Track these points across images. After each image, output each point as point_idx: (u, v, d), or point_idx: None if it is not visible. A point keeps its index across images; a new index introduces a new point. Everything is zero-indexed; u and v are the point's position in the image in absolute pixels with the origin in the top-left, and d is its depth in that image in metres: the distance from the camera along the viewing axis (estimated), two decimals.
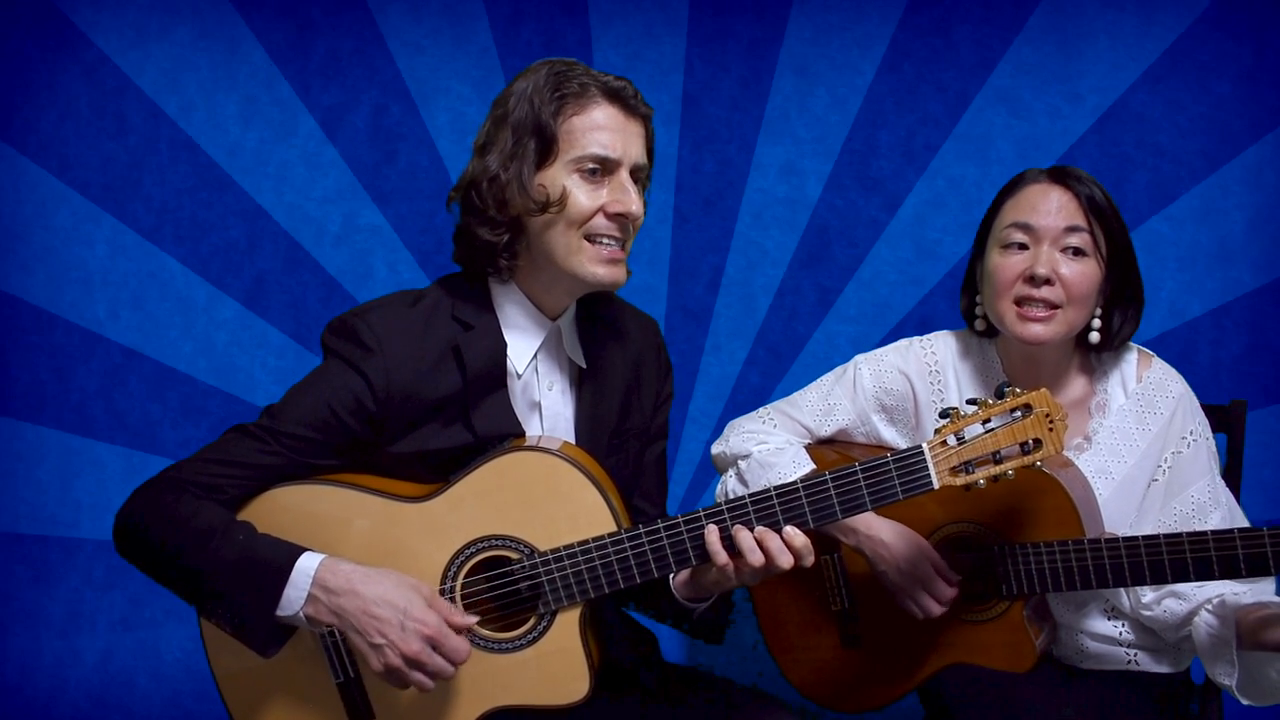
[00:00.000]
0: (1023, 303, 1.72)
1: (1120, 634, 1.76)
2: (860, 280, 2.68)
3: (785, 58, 2.68)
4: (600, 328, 1.71)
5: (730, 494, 1.86)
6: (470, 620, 1.50)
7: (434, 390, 1.55)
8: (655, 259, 2.74)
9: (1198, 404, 1.80)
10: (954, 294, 1.99)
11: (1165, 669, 1.77)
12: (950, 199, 2.64)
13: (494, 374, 1.59)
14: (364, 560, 1.50)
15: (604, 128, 1.53)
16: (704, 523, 1.48)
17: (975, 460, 1.45)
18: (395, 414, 1.55)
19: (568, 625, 1.53)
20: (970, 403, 1.46)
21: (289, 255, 2.80)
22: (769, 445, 1.86)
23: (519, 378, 1.62)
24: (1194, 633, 1.66)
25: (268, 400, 1.59)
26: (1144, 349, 1.83)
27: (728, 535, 1.47)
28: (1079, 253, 1.71)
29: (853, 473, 1.46)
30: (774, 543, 1.46)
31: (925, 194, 2.65)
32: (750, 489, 1.80)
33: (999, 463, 1.45)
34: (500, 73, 2.73)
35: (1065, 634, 1.79)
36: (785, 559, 1.46)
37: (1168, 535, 1.58)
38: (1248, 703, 1.62)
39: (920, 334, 1.93)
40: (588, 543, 1.51)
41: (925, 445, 1.45)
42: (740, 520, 1.47)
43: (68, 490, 2.81)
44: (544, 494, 1.52)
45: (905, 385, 1.87)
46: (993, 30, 2.60)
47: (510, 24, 2.74)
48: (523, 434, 1.61)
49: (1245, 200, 2.54)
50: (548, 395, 1.65)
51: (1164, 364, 1.81)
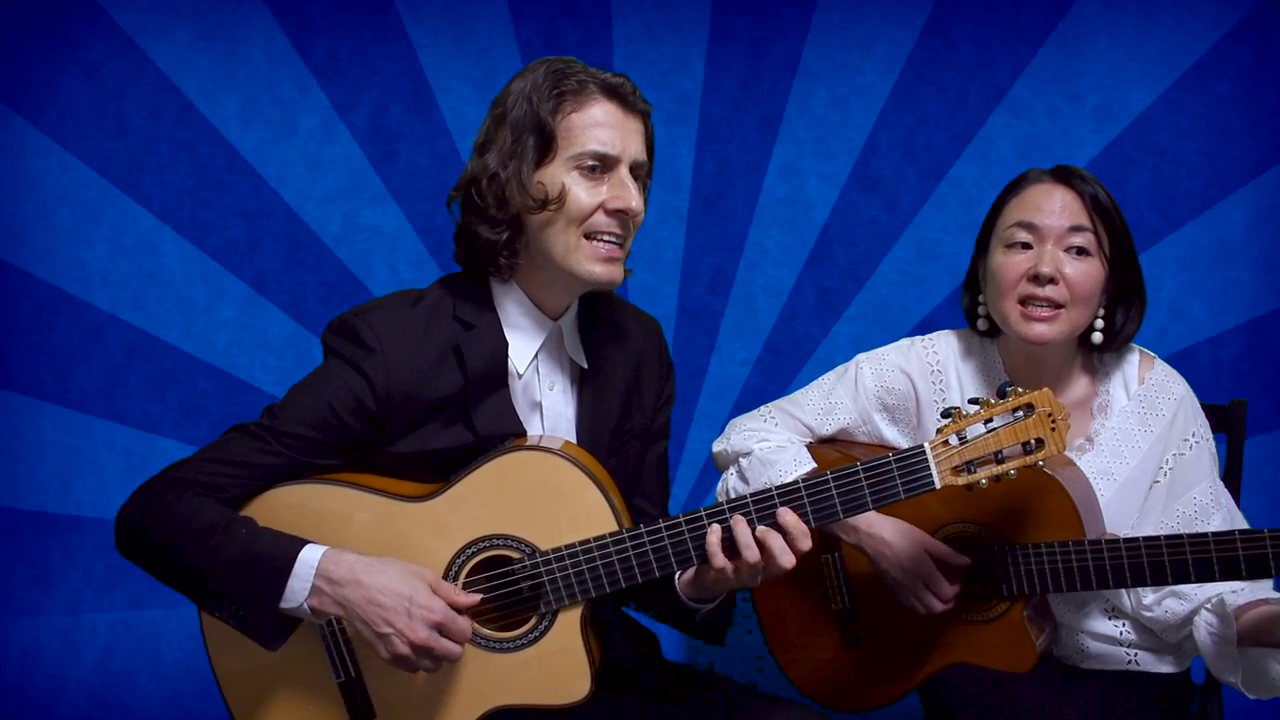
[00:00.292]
0: (1027, 302, 1.71)
1: (1121, 634, 1.76)
2: (860, 280, 2.68)
3: (785, 58, 2.67)
4: (602, 328, 1.71)
5: (731, 491, 1.86)
6: (474, 599, 1.50)
7: (435, 390, 1.55)
8: (656, 259, 2.74)
9: (1199, 406, 1.80)
10: (954, 294, 1.99)
11: (1166, 669, 1.77)
12: (950, 199, 2.64)
13: (495, 374, 1.59)
14: None
15: (603, 124, 1.53)
16: (705, 522, 1.48)
17: (977, 460, 1.45)
18: (396, 414, 1.54)
19: (569, 625, 1.53)
20: (972, 402, 1.46)
21: (289, 255, 2.80)
22: (770, 443, 1.86)
23: (520, 377, 1.62)
24: (1195, 632, 1.66)
25: (268, 400, 1.58)
26: (1145, 350, 1.83)
27: (730, 537, 1.47)
28: (1083, 252, 1.71)
29: (854, 472, 1.46)
30: (776, 542, 1.45)
31: (925, 194, 2.65)
32: (751, 486, 1.80)
33: (1001, 462, 1.45)
34: (500, 73, 2.73)
35: (1066, 634, 1.78)
36: (788, 559, 1.45)
37: (1168, 536, 1.58)
38: (1254, 697, 1.63)
39: (921, 334, 1.92)
40: (589, 542, 1.51)
41: (927, 445, 1.45)
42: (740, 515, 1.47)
43: (68, 490, 2.81)
44: (545, 493, 1.52)
45: (907, 385, 1.87)
46: (993, 30, 2.60)
47: (510, 24, 2.74)
48: (524, 434, 1.61)
49: (1245, 200, 2.54)
50: (549, 395, 1.65)
51: (1166, 365, 1.81)
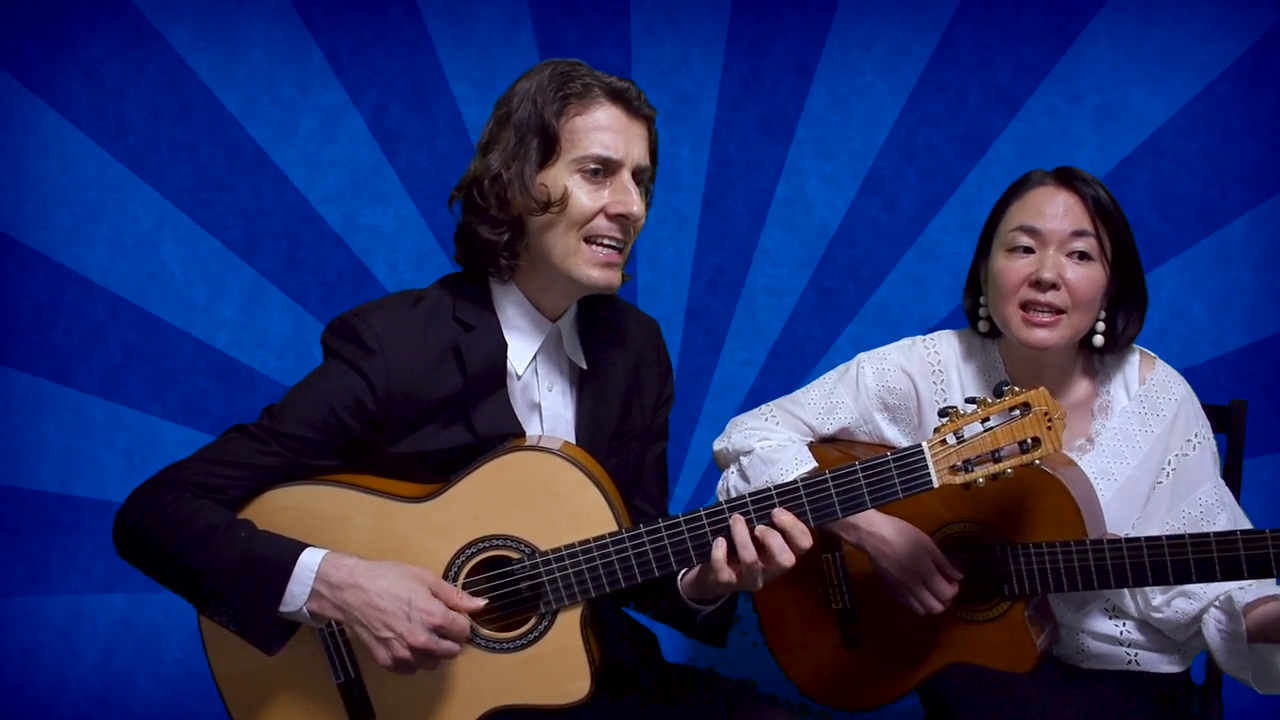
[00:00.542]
0: (1028, 307, 1.71)
1: (1121, 634, 1.76)
2: (860, 280, 2.68)
3: (785, 58, 2.67)
4: (601, 329, 1.71)
5: (732, 490, 1.86)
6: (477, 604, 1.50)
7: (434, 391, 1.55)
8: (657, 260, 2.74)
9: (1199, 406, 1.80)
10: (954, 294, 1.99)
11: (1166, 669, 1.77)
12: (950, 199, 2.64)
13: (494, 374, 1.59)
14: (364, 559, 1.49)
15: (606, 128, 1.53)
16: (704, 522, 1.48)
17: (974, 459, 1.45)
18: (395, 414, 1.54)
19: (568, 625, 1.53)
20: (969, 401, 1.46)
21: (289, 255, 2.80)
22: (771, 442, 1.86)
23: (518, 379, 1.62)
24: (1204, 630, 1.66)
25: (268, 400, 1.58)
26: (1146, 351, 1.83)
27: (734, 548, 1.47)
28: (1085, 257, 1.70)
29: (852, 471, 1.46)
30: (775, 541, 1.45)
31: (925, 194, 2.65)
32: (752, 485, 1.80)
33: (998, 461, 1.45)
34: (501, 73, 2.73)
35: (1066, 633, 1.78)
36: (787, 557, 1.45)
37: (1170, 536, 1.58)
38: (1265, 692, 1.63)
39: (920, 334, 1.92)
40: (588, 542, 1.51)
41: (925, 444, 1.45)
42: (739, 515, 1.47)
43: (68, 490, 2.81)
44: (544, 494, 1.52)
45: (908, 384, 1.86)
46: (993, 30, 2.60)
47: (510, 24, 2.74)
48: (523, 434, 1.61)
49: (1245, 200, 2.53)
50: (547, 396, 1.65)
51: (1166, 366, 1.81)
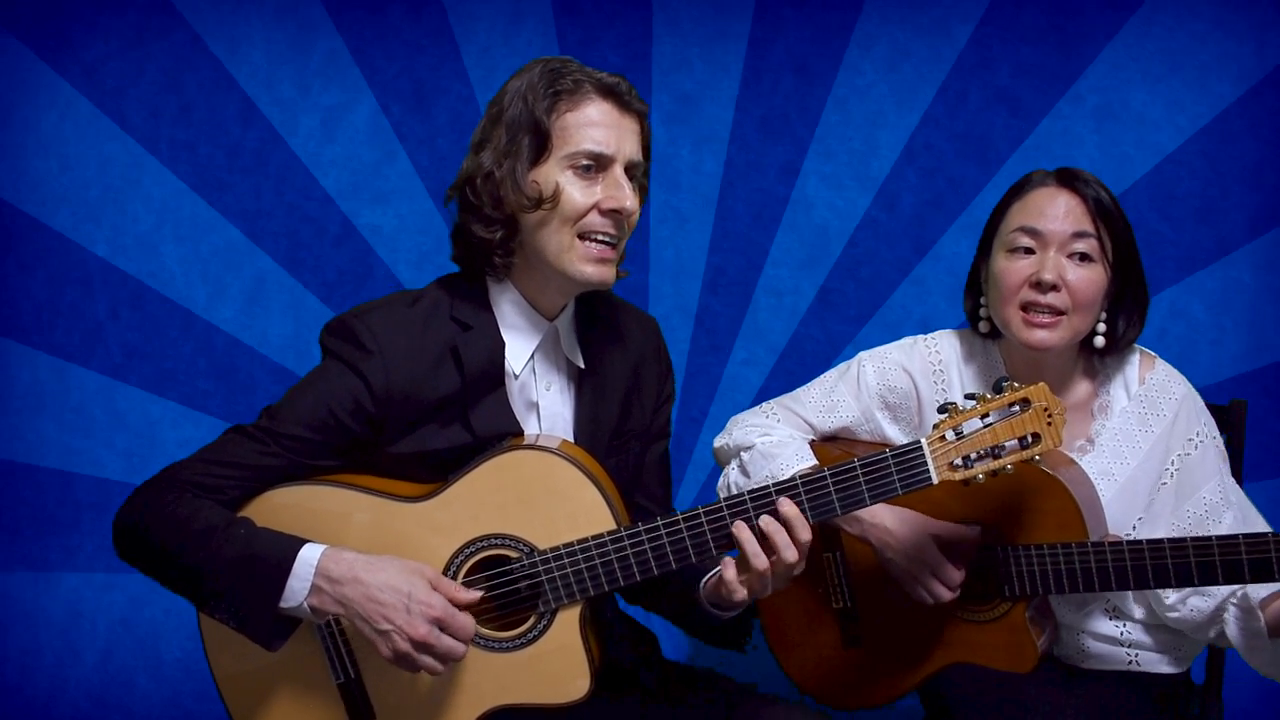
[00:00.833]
0: (1028, 308, 1.70)
1: (1122, 634, 1.75)
2: (860, 280, 2.68)
3: (785, 58, 2.67)
4: (600, 328, 1.71)
5: (733, 486, 1.86)
6: (475, 596, 1.50)
7: (433, 391, 1.55)
8: (655, 259, 2.73)
9: (1202, 404, 1.79)
10: (954, 294, 1.98)
11: (1166, 669, 1.76)
12: (950, 199, 2.64)
13: (492, 374, 1.59)
14: None
15: (598, 124, 1.53)
16: (703, 521, 1.48)
17: (974, 455, 1.44)
18: (394, 415, 1.54)
19: (568, 624, 1.53)
20: (969, 397, 1.46)
21: (289, 255, 2.80)
22: (772, 438, 1.85)
23: (516, 378, 1.62)
24: (1226, 630, 1.65)
25: (268, 400, 1.58)
26: (1146, 350, 1.83)
27: (744, 561, 1.47)
28: (1085, 258, 1.70)
29: (851, 468, 1.46)
30: (780, 538, 1.46)
31: (925, 194, 2.65)
32: (752, 480, 1.79)
33: (998, 457, 1.44)
34: (500, 73, 2.71)
35: (1067, 634, 1.78)
36: (791, 553, 1.45)
37: (1172, 539, 1.57)
38: None
39: (920, 334, 1.92)
40: (587, 541, 1.51)
41: (924, 440, 1.45)
42: (740, 518, 1.47)
43: (68, 490, 2.81)
44: (543, 492, 1.52)
45: (908, 383, 1.86)
46: (993, 30, 2.60)
47: (510, 24, 2.74)
48: (521, 433, 1.61)
49: (1245, 200, 2.53)
50: (545, 395, 1.65)
51: (1167, 365, 1.81)
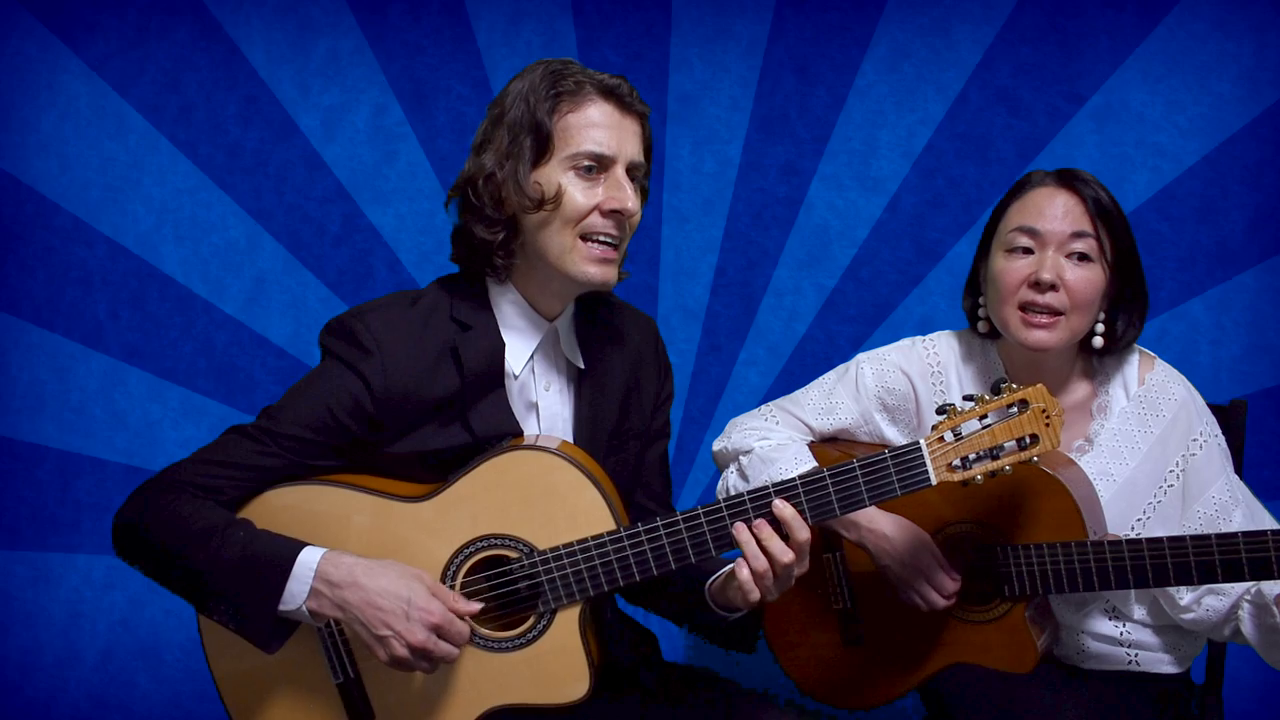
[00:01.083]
0: (1027, 308, 1.70)
1: (1121, 634, 1.75)
2: (860, 280, 2.68)
3: (785, 58, 2.67)
4: (599, 329, 1.71)
5: (732, 489, 1.86)
6: (474, 607, 1.49)
7: (432, 391, 1.55)
8: (655, 259, 2.73)
9: (1203, 404, 1.79)
10: (954, 294, 1.98)
11: (1166, 669, 1.76)
12: (950, 199, 2.64)
13: (491, 374, 1.59)
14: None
15: (599, 125, 1.53)
16: (702, 521, 1.48)
17: (973, 456, 1.44)
18: (393, 415, 1.54)
19: (567, 624, 1.53)
20: (967, 399, 1.46)
21: (289, 255, 2.80)
22: (771, 441, 1.85)
23: (515, 378, 1.62)
24: (1242, 628, 1.65)
25: (267, 400, 1.58)
26: (1146, 351, 1.82)
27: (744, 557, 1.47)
28: (1084, 258, 1.70)
29: (850, 469, 1.46)
30: (776, 545, 1.46)
31: (925, 194, 2.65)
32: (751, 484, 1.80)
33: (996, 459, 1.44)
34: (500, 73, 2.73)
35: (1066, 634, 1.78)
36: (788, 554, 1.46)
37: (1171, 538, 1.57)
38: None
39: (920, 334, 1.92)
40: (586, 541, 1.51)
41: (923, 441, 1.44)
42: (739, 519, 1.47)
43: (68, 490, 2.81)
44: (542, 493, 1.52)
45: (907, 385, 1.86)
46: (993, 30, 2.60)
47: (510, 24, 2.74)
48: (521, 434, 1.61)
49: (1245, 200, 2.53)
50: (544, 396, 1.65)
51: (1166, 366, 1.80)
